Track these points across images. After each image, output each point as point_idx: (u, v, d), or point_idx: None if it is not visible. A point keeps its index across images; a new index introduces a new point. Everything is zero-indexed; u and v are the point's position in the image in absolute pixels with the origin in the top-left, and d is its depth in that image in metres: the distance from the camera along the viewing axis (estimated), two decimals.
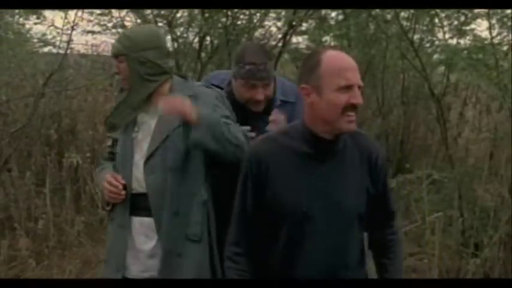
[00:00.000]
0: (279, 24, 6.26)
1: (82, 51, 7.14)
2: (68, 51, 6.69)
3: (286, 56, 6.57)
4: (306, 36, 6.97)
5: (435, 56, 5.06)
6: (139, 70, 2.41)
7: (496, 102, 4.86)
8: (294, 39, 6.61)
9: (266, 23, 6.39)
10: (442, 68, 5.35)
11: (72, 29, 4.91)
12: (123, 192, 2.39)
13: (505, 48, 4.20)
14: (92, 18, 5.66)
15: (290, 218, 1.99)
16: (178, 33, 6.10)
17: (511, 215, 3.97)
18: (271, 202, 1.99)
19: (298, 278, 2.01)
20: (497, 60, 3.93)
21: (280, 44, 6.09)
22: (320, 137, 1.95)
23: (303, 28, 6.39)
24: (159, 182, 2.38)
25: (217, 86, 2.58)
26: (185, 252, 2.41)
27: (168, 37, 5.80)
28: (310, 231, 1.98)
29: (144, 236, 2.43)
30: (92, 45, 7.25)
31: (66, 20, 4.93)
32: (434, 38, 4.76)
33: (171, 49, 5.74)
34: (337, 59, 1.91)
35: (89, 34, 6.37)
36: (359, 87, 1.89)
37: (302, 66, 2.01)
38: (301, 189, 1.98)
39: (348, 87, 1.87)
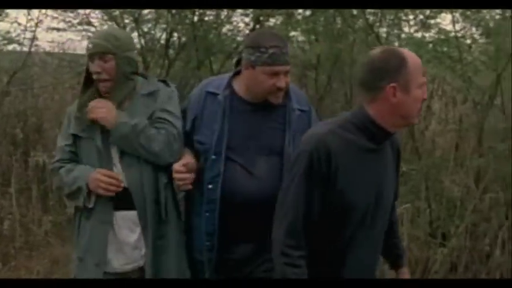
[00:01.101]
0: (247, 20, 6.25)
1: (48, 49, 7.05)
2: (33, 49, 6.63)
3: None
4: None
5: None
6: (126, 69, 2.50)
7: (461, 95, 4.95)
8: None
9: (234, 18, 6.39)
10: None
11: (36, 26, 4.82)
12: (122, 183, 2.43)
13: (468, 41, 4.28)
14: (56, 15, 5.55)
15: (356, 216, 1.99)
16: (146, 30, 6.06)
17: (476, 204, 4.04)
18: (339, 200, 1.95)
19: (346, 276, 2.02)
20: (461, 52, 4.00)
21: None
22: (388, 132, 1.99)
23: (271, 24, 6.38)
24: (137, 176, 2.47)
25: (214, 93, 2.45)
26: (167, 234, 2.53)
27: (135, 34, 5.75)
28: (363, 227, 2.01)
29: (127, 229, 2.50)
30: (58, 43, 7.15)
31: (29, 17, 4.84)
32: (401, 32, 4.82)
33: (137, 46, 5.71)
34: (416, 57, 1.96)
35: (54, 32, 6.28)
36: None
37: (383, 66, 1.92)
38: (366, 186, 1.99)
39: (424, 84, 1.95)
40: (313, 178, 1.91)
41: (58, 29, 5.66)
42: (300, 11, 6.28)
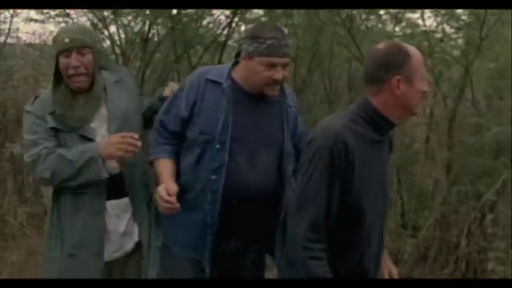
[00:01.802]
0: (227, 12, 6.26)
1: (29, 40, 7.03)
2: (15, 41, 6.62)
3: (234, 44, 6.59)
4: None
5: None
6: (99, 62, 2.58)
7: (432, 88, 4.99)
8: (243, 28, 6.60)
9: (214, 11, 6.40)
10: None
11: (12, 16, 4.82)
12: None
13: (439, 35, 4.32)
14: None
15: (371, 206, 2.03)
16: (126, 22, 6.05)
17: (445, 197, 4.11)
18: (356, 193, 1.99)
19: (366, 275, 2.08)
20: (431, 46, 4.05)
21: (225, 32, 6.09)
22: (392, 123, 2.06)
23: (251, 17, 6.40)
24: (130, 161, 2.53)
25: (216, 81, 2.42)
26: (147, 214, 2.69)
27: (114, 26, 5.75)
28: (376, 215, 2.08)
29: (116, 218, 2.57)
30: (40, 34, 7.13)
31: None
32: (372, 24, 4.86)
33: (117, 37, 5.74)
34: (418, 51, 2.03)
35: (36, 23, 6.26)
36: None
37: (388, 59, 2.00)
38: (376, 177, 2.06)
39: (425, 76, 2.04)
40: (334, 173, 1.94)
41: (36, 20, 5.63)
42: None
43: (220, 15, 6.39)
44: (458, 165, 4.12)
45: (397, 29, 4.57)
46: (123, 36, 5.89)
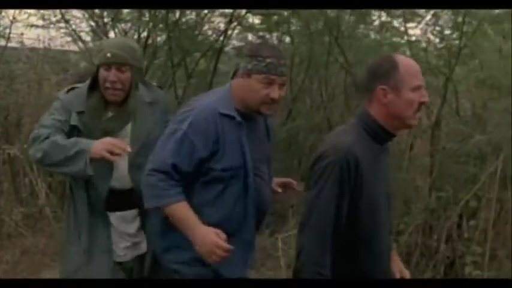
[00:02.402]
0: (225, 19, 6.36)
1: (32, 45, 7.17)
2: (19, 45, 6.77)
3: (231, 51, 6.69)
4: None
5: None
6: (138, 80, 2.64)
7: None
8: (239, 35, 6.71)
9: (213, 19, 6.50)
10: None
11: (11, 22, 4.96)
12: (128, 148, 2.43)
13: (424, 44, 4.40)
14: (33, 12, 5.67)
15: (379, 213, 2.08)
16: (126, 29, 6.18)
17: (427, 203, 4.18)
18: (367, 206, 2.03)
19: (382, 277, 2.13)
20: (414, 55, 4.13)
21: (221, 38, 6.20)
22: (391, 133, 2.10)
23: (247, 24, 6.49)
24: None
25: (229, 116, 2.37)
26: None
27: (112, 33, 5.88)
28: (385, 219, 2.13)
29: (124, 223, 2.66)
30: (43, 40, 7.27)
31: (2, 14, 4.97)
32: (358, 32, 4.94)
33: None
34: (411, 62, 2.08)
35: (39, 29, 6.40)
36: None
37: (376, 69, 2.09)
38: (381, 185, 2.09)
39: (420, 87, 2.04)
40: (344, 187, 1.98)
41: (37, 26, 5.78)
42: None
43: (219, 22, 6.53)
44: (440, 172, 4.19)
45: (380, 37, 4.65)
46: None
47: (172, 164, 2.31)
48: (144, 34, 6.11)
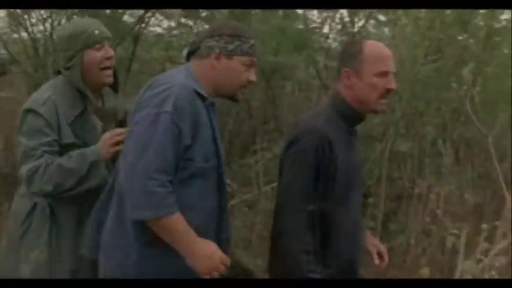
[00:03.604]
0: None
1: None
2: None
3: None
4: None
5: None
6: None
7: None
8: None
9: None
10: None
11: None
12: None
13: None
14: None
15: (353, 197, 2.14)
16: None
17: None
18: (341, 186, 2.07)
19: (357, 258, 2.19)
20: None
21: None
22: (361, 115, 2.16)
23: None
24: None
25: (201, 95, 2.09)
26: None
27: None
28: (357, 196, 2.20)
29: None
30: None
31: None
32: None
33: None
34: (378, 47, 2.10)
35: None
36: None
37: (343, 52, 2.18)
38: (354, 164, 2.15)
39: (386, 73, 2.07)
40: (319, 170, 2.02)
41: None
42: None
43: None
44: None
45: None
46: None
47: (171, 160, 1.97)
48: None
